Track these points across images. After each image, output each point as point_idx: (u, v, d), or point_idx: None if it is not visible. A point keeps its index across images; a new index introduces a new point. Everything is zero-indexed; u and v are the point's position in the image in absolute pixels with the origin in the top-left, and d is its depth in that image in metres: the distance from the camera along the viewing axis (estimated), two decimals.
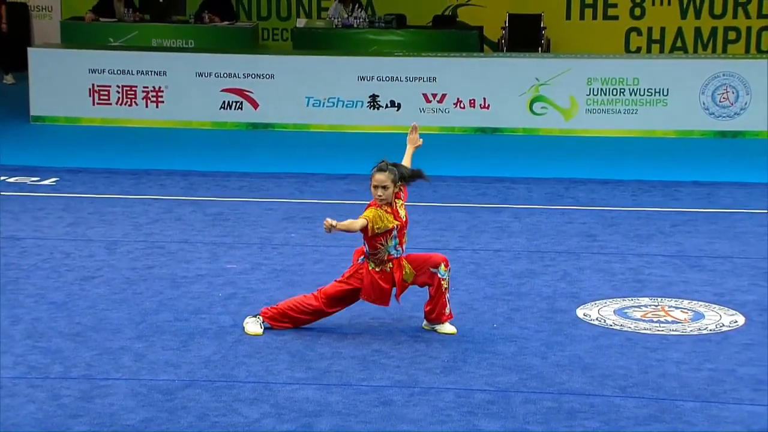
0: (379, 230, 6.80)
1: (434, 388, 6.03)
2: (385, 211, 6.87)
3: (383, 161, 7.03)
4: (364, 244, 6.91)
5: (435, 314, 6.98)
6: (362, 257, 6.96)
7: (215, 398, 5.92)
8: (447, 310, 6.97)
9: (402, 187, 7.05)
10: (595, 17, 17.90)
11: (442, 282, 6.91)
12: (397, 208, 6.94)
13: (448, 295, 6.97)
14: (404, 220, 6.96)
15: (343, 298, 6.99)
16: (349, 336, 6.90)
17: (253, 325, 6.99)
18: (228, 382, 6.14)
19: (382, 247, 6.85)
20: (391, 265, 6.90)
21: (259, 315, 7.05)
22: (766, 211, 10.55)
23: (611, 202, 10.88)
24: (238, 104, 15.02)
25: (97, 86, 15.03)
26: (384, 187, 6.87)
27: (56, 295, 7.74)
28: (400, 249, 6.94)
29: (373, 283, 6.86)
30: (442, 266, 6.93)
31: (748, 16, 17.50)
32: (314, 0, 18.67)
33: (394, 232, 6.87)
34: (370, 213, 6.82)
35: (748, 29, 17.47)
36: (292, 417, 5.68)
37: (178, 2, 17.99)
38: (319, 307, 6.97)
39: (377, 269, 6.87)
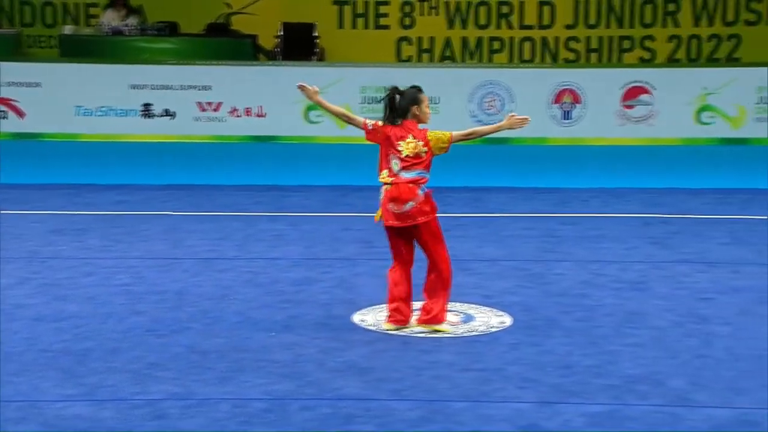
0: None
1: (210, 399, 5.97)
2: None
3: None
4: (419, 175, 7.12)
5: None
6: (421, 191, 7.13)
7: None
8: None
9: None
10: (367, 26, 18.19)
11: None
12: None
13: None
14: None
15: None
16: (123, 350, 6.75)
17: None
18: None
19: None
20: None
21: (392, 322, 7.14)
22: (529, 214, 11.00)
23: None
24: (2, 114, 14.46)
25: None
26: None
27: None
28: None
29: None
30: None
31: (510, 26, 18.21)
32: (82, 7, 18.12)
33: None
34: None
35: (511, 39, 18.19)
36: None
37: None
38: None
39: None
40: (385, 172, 7.18)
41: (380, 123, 7.23)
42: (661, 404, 5.88)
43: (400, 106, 7.17)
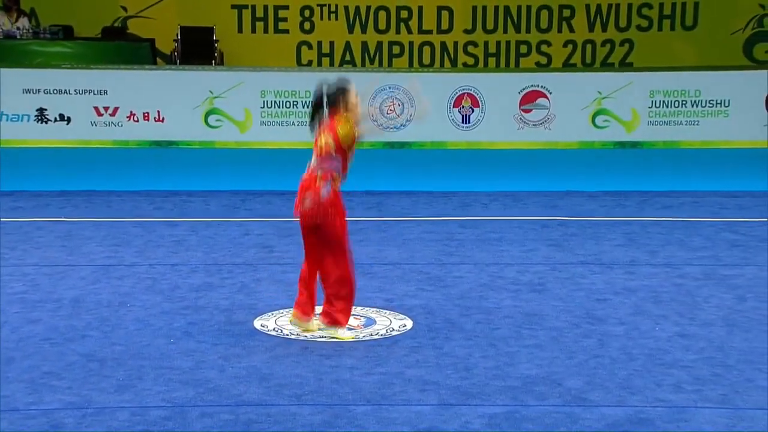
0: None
1: (108, 407, 5.89)
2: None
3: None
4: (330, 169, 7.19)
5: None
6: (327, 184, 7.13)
7: None
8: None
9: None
10: (266, 31, 18.13)
11: None
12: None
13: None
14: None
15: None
16: (18, 359, 6.61)
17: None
18: None
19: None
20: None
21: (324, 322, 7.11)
22: (430, 218, 11.10)
23: (287, 213, 11.02)
24: None
25: None
26: None
27: None
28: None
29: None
30: None
31: (410, 31, 18.34)
32: None
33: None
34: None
35: (411, 44, 18.32)
36: None
37: None
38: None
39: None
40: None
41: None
42: (559, 404, 5.99)
43: (328, 97, 7.14)
